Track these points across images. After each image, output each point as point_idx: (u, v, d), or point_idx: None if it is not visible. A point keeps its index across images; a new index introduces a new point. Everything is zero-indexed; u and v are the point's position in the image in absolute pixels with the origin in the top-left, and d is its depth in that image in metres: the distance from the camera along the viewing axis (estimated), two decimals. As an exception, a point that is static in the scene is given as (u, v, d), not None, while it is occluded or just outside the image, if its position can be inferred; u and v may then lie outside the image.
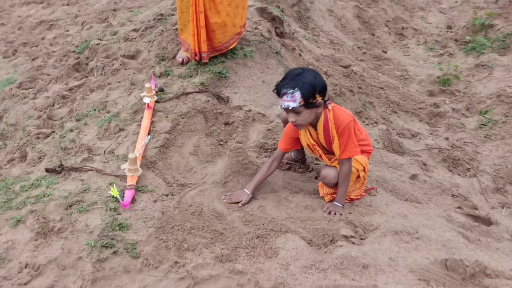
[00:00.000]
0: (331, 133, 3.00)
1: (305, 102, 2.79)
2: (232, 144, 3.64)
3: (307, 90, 2.78)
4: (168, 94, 3.96)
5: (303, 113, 2.86)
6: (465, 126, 5.12)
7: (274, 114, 4.03)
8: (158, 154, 3.36)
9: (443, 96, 5.70)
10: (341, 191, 3.09)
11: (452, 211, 3.58)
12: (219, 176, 3.23)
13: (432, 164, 4.39)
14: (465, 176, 4.36)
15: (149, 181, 3.15)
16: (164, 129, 3.58)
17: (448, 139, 4.85)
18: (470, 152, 4.70)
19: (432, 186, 3.95)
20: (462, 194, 3.97)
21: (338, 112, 2.99)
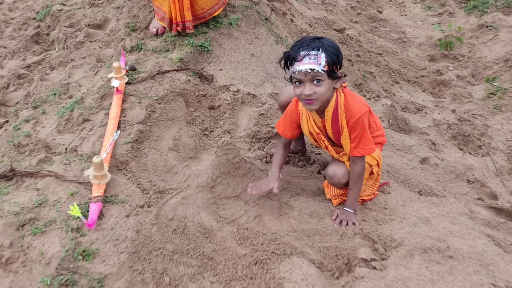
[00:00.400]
0: (340, 123, 2.39)
1: (329, 68, 2.19)
2: (219, 137, 3.01)
3: (333, 53, 2.19)
4: (141, 74, 3.27)
5: (324, 84, 2.22)
6: (472, 95, 4.55)
7: (265, 93, 3.38)
8: (130, 152, 2.73)
9: (445, 61, 5.11)
10: (352, 194, 2.51)
11: (472, 203, 3.05)
12: (205, 178, 2.61)
13: (441, 142, 3.85)
14: (477, 155, 3.84)
15: (120, 188, 2.53)
16: (137, 118, 2.93)
17: (455, 111, 4.30)
18: (480, 126, 4.16)
19: (445, 171, 3.42)
20: (477, 178, 3.45)
21: (350, 100, 2.37)
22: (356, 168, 2.46)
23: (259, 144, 2.98)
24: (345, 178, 2.52)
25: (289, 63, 2.29)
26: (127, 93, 3.12)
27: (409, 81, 4.63)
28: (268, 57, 3.61)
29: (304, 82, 2.23)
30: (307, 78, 2.21)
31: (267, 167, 2.80)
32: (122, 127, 2.86)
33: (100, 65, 3.49)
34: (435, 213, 2.68)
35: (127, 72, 3.30)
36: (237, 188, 2.60)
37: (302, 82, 2.24)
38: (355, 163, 2.46)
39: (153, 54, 3.46)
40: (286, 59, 2.31)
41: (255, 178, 2.65)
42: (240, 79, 3.40)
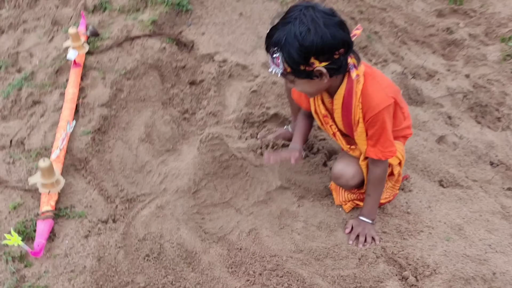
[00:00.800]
0: (354, 116, 1.80)
1: (292, 69, 1.64)
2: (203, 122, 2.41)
3: (292, 52, 1.59)
4: (105, 41, 2.61)
5: (298, 83, 1.72)
6: (487, 57, 3.97)
7: (258, 63, 2.76)
8: (91, 146, 2.12)
9: (455, 17, 4.48)
10: (370, 202, 1.97)
11: (502, 195, 2.54)
12: (186, 181, 2.03)
13: (457, 115, 3.30)
14: (496, 129, 3.32)
15: (78, 196, 1.94)
16: (100, 99, 2.30)
17: (469, 76, 3.73)
18: (497, 94, 3.61)
19: (465, 152, 2.90)
20: (501, 160, 2.94)
21: (371, 88, 1.75)
22: (376, 171, 1.91)
23: (251, 130, 2.39)
24: (354, 179, 1.97)
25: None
26: (87, 66, 2.48)
27: (417, 41, 4.02)
28: (259, 17, 2.96)
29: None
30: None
31: (262, 161, 2.22)
32: (81, 112, 2.24)
33: (56, 28, 2.80)
34: (466, 216, 2.16)
35: (87, 38, 2.64)
36: (226, 193, 2.03)
37: None
38: (375, 165, 1.90)
39: (120, 15, 2.78)
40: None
41: (248, 178, 2.09)
42: (227, 45, 2.76)
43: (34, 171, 1.99)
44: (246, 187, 2.06)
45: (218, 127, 2.36)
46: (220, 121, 2.41)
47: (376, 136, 1.81)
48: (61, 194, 1.91)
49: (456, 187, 2.53)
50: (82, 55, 2.49)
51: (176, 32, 2.72)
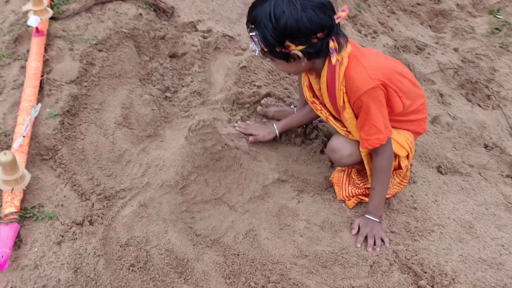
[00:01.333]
0: (338, 99, 1.65)
1: (268, 49, 1.56)
2: (187, 101, 2.14)
3: (266, 33, 1.52)
4: (72, 4, 2.26)
5: (275, 62, 1.65)
6: (475, 30, 3.82)
7: (245, 33, 2.48)
8: (59, 131, 1.82)
9: (441, -15, 4.27)
10: (376, 196, 1.78)
11: (502, 183, 2.43)
12: (172, 174, 1.78)
13: (448, 92, 3.16)
14: (487, 107, 3.21)
15: (47, 193, 1.66)
16: (68, 75, 1.98)
17: (457, 50, 3.58)
18: (486, 70, 3.49)
19: (459, 134, 2.78)
20: (495, 142, 2.83)
21: (353, 70, 1.60)
22: (377, 160, 1.73)
23: (242, 112, 2.14)
24: (350, 158, 1.81)
25: None
26: (51, 34, 2.13)
27: (405, 10, 3.81)
28: (246, -19, 2.66)
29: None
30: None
31: (257, 150, 1.99)
32: (46, 91, 1.93)
33: (12, -13, 2.41)
34: (473, 211, 2.02)
35: (51, 1, 2.28)
36: (218, 188, 1.80)
37: None
38: (375, 153, 1.73)
39: (88, -26, 2.42)
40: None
41: (242, 171, 1.85)
42: (211, 12, 2.46)
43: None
44: (241, 181, 1.83)
45: (204, 109, 2.10)
46: (206, 102, 2.14)
47: (360, 122, 1.66)
48: (26, 191, 1.62)
49: (455, 174, 2.40)
50: (45, 21, 2.14)
51: (154, -4, 2.39)
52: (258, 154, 1.96)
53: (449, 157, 2.51)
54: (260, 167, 1.90)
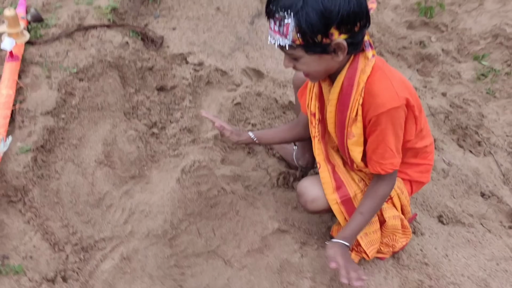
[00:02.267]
0: (351, 110, 1.42)
1: (304, 41, 1.28)
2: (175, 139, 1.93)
3: (313, 17, 1.23)
4: (52, 28, 2.06)
5: (304, 61, 1.35)
6: (461, 75, 3.79)
7: (238, 68, 2.32)
8: (31, 169, 1.58)
9: (426, 30, 4.28)
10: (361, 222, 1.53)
11: (505, 235, 2.30)
12: (160, 222, 1.55)
13: (440, 138, 3.07)
14: (479, 154, 3.12)
15: (13, 242, 1.41)
16: (43, 105, 1.76)
17: (445, 95, 3.52)
18: (475, 116, 3.42)
19: (456, 181, 2.66)
20: (491, 191, 2.71)
21: (379, 83, 1.37)
22: (383, 186, 1.51)
23: (236, 153, 1.95)
24: (313, 204, 1.57)
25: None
26: (27, 60, 1.92)
27: (392, 53, 3.76)
28: (238, 14, 2.52)
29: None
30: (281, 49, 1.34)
31: (254, 195, 1.79)
32: (18, 122, 1.69)
33: (-16, 8, 2.20)
34: (486, 267, 1.87)
35: (28, 24, 2.07)
36: (212, 238, 1.58)
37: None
38: (381, 179, 1.51)
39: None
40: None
41: (239, 219, 1.65)
42: (202, 44, 2.29)
43: None
44: (237, 231, 1.62)
45: (195, 147, 1.90)
46: (197, 139, 1.94)
47: (374, 144, 1.44)
48: (-12, 240, 1.37)
49: (457, 224, 2.26)
50: (20, 45, 1.93)
51: (142, 24, 2.21)
52: (255, 200, 1.76)
53: (449, 205, 2.39)
54: (258, 215, 1.70)
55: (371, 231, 1.58)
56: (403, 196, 1.62)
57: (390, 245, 1.63)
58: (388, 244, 1.64)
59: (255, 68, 2.39)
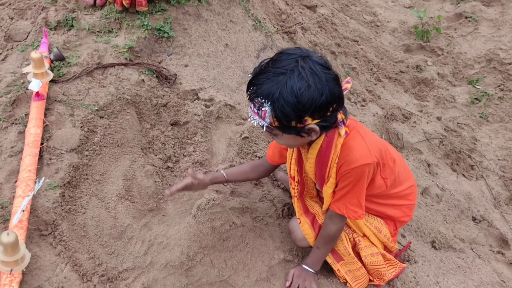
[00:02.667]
0: (329, 168, 1.62)
1: (280, 124, 1.45)
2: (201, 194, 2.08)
3: (285, 109, 1.41)
4: (73, 67, 2.22)
5: (279, 137, 1.55)
6: (455, 99, 3.96)
7: (245, 103, 2.49)
8: (60, 204, 1.74)
9: (422, 53, 4.45)
10: (318, 255, 1.79)
11: (493, 260, 2.46)
12: (177, 254, 1.71)
13: (434, 162, 3.23)
14: (471, 177, 3.28)
15: (46, 273, 1.56)
16: (68, 143, 1.92)
17: (440, 119, 3.69)
18: (468, 139, 3.59)
19: (448, 206, 2.83)
20: (482, 215, 2.87)
21: (353, 141, 1.58)
22: (332, 228, 1.72)
23: (244, 185, 2.11)
24: (302, 242, 1.82)
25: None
26: (51, 98, 2.08)
27: (390, 78, 3.93)
28: (245, 49, 2.69)
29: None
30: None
31: (261, 226, 1.96)
32: (46, 159, 1.85)
33: (10, 45, 2.36)
34: (474, 292, 2.03)
35: (51, 62, 2.23)
36: (224, 269, 1.74)
37: None
38: (332, 222, 1.71)
39: (89, 36, 2.40)
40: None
41: (248, 250, 1.81)
42: (212, 80, 2.46)
43: (-13, 238, 1.58)
44: (246, 261, 1.78)
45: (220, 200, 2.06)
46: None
47: (344, 191, 1.62)
48: (25, 271, 1.53)
49: (449, 250, 2.42)
50: (45, 84, 2.09)
51: (156, 62, 2.38)
52: (262, 231, 1.92)
53: (441, 231, 2.54)
54: (265, 246, 1.86)
55: (353, 269, 1.78)
56: (381, 235, 1.80)
57: (379, 278, 1.80)
58: (378, 276, 1.81)
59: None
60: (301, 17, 3.46)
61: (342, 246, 1.77)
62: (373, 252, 1.81)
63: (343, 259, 1.78)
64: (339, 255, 1.79)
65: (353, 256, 1.76)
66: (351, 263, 1.77)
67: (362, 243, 1.81)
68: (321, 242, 1.77)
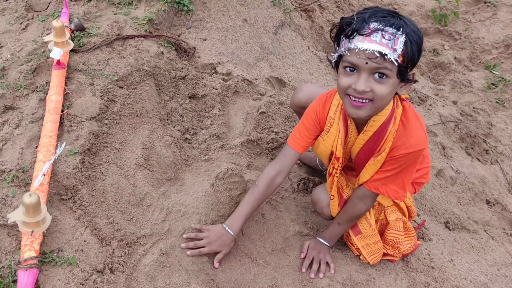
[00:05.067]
0: (383, 144, 1.56)
1: (404, 62, 1.36)
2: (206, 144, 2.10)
3: (416, 42, 1.36)
4: (93, 37, 2.23)
5: (388, 83, 1.38)
6: (472, 84, 3.92)
7: (262, 77, 2.48)
8: (80, 170, 1.76)
9: (439, 37, 4.41)
10: (337, 230, 1.79)
11: (507, 242, 2.46)
12: (194, 221, 1.73)
13: (449, 145, 3.21)
14: (485, 162, 3.27)
15: (66, 236, 1.59)
16: (88, 111, 1.93)
17: (456, 103, 3.66)
18: (483, 124, 3.56)
19: (462, 188, 2.82)
20: (496, 199, 2.86)
21: (410, 123, 1.53)
22: (358, 206, 1.70)
23: (261, 158, 2.12)
24: (327, 209, 1.78)
25: (345, 34, 1.39)
26: (72, 67, 2.09)
27: (406, 61, 3.89)
28: (263, 25, 2.68)
29: (360, 70, 1.38)
30: (368, 66, 1.36)
31: (277, 199, 1.97)
32: (66, 126, 1.87)
33: (30, 15, 2.37)
34: (488, 272, 2.03)
35: (71, 32, 2.24)
36: (241, 238, 1.75)
37: (357, 69, 1.39)
38: (362, 201, 1.69)
39: (109, 8, 2.40)
40: (343, 28, 1.41)
41: (264, 221, 1.82)
42: (230, 55, 2.45)
43: (10, 199, 1.61)
44: (263, 232, 1.80)
45: (223, 153, 2.07)
46: (225, 146, 2.11)
47: (391, 172, 1.58)
48: (46, 233, 1.55)
49: (463, 231, 2.42)
50: (66, 53, 2.10)
51: (175, 35, 2.38)
52: (278, 204, 1.94)
53: (455, 212, 2.54)
54: (281, 218, 1.87)
55: (371, 242, 1.77)
56: (407, 199, 1.79)
57: (395, 247, 1.79)
58: (393, 246, 1.80)
59: (278, 77, 2.55)
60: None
61: (364, 220, 1.76)
62: (398, 218, 1.81)
63: (362, 232, 1.77)
64: (358, 229, 1.78)
65: (374, 229, 1.75)
66: (370, 236, 1.76)
67: (389, 208, 1.80)
68: (344, 219, 1.75)
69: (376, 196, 1.68)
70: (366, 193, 1.67)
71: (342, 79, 1.44)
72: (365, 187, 1.65)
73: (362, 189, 1.67)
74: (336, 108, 1.63)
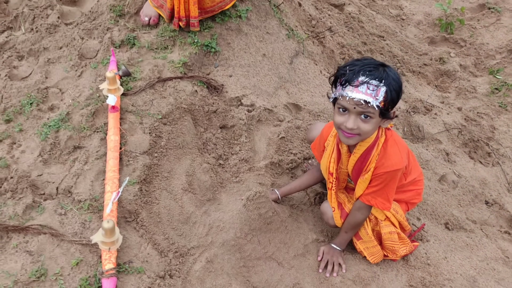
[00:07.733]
0: (368, 164, 2.07)
1: (385, 106, 1.84)
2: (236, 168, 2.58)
3: (395, 90, 1.85)
4: (138, 81, 2.72)
5: (372, 122, 1.88)
6: (476, 90, 4.29)
7: (281, 105, 2.94)
8: (139, 197, 2.26)
9: (446, 45, 4.78)
10: (345, 237, 2.28)
11: (500, 239, 2.87)
12: (231, 235, 2.21)
13: (453, 151, 3.61)
14: (487, 164, 3.65)
15: (134, 251, 2.09)
16: (141, 147, 2.43)
17: (461, 109, 4.05)
18: (487, 128, 3.94)
19: (463, 191, 3.22)
20: (495, 199, 3.26)
21: (390, 148, 2.04)
22: (357, 215, 2.19)
23: (282, 178, 2.59)
24: (332, 220, 2.28)
25: (340, 83, 1.89)
26: (123, 109, 2.58)
27: (413, 71, 4.29)
28: (280, 57, 3.13)
29: (350, 112, 1.88)
30: (356, 110, 1.85)
31: (297, 212, 2.44)
32: (125, 161, 2.37)
33: (84, 63, 2.88)
34: (477, 267, 2.46)
35: (120, 78, 2.73)
36: (268, 246, 2.24)
37: (347, 110, 1.89)
38: (360, 211, 2.18)
39: (148, 53, 2.89)
40: (338, 77, 1.92)
41: (287, 232, 2.30)
42: (253, 87, 2.92)
43: (87, 224, 2.12)
44: (286, 240, 2.27)
45: (251, 174, 2.54)
46: (252, 168, 2.59)
47: (376, 187, 2.08)
48: (119, 249, 2.05)
49: (460, 230, 2.84)
50: (118, 97, 2.59)
51: (205, 74, 2.85)
52: (298, 216, 2.40)
53: (455, 214, 2.95)
54: (301, 228, 2.34)
55: (370, 246, 2.24)
56: (398, 215, 2.26)
57: (393, 252, 2.26)
58: (392, 251, 2.26)
59: (294, 103, 3.01)
60: (329, 20, 3.86)
61: (363, 229, 2.24)
62: (391, 231, 2.27)
63: (362, 238, 2.24)
64: (359, 235, 2.25)
65: (370, 236, 2.22)
66: (368, 241, 2.24)
67: (383, 222, 2.26)
68: (348, 228, 2.24)
69: (370, 208, 2.16)
70: (361, 205, 2.16)
71: (337, 117, 1.95)
72: (360, 200, 2.15)
73: (358, 202, 2.17)
74: (332, 133, 2.13)
